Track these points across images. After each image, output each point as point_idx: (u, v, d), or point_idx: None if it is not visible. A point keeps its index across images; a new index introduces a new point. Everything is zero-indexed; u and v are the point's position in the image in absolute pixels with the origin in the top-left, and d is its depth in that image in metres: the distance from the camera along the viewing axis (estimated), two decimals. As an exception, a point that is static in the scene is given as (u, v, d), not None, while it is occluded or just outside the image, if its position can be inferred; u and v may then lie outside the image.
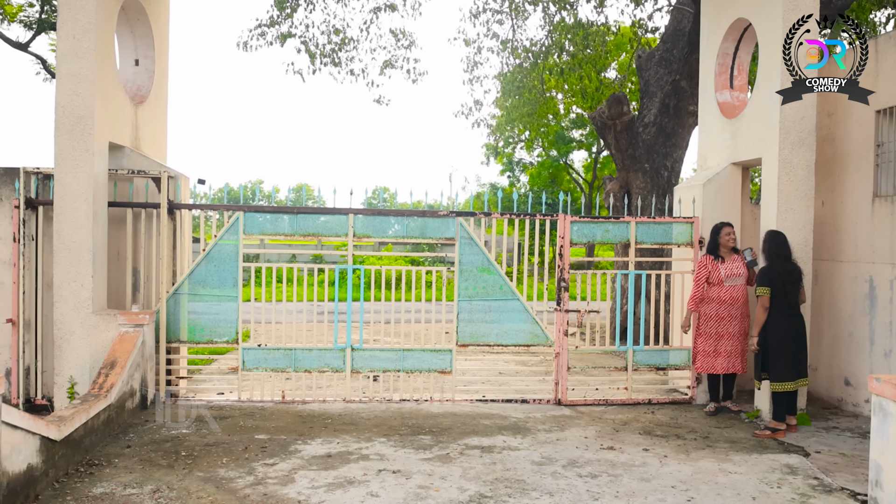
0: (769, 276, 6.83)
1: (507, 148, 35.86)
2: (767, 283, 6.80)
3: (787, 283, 6.79)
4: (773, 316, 6.79)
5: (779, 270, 6.83)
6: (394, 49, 17.36)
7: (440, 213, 7.79)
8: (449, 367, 7.82)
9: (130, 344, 6.81)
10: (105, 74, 7.17)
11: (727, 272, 7.43)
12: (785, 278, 6.80)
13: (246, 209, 7.67)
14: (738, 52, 8.50)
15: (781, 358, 6.73)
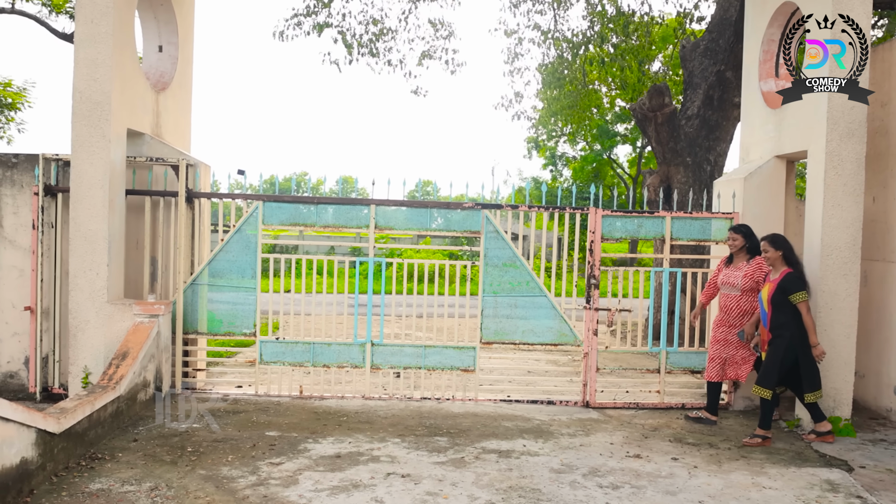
0: (804, 279, 6.43)
1: (550, 141, 35.40)
2: (804, 287, 6.36)
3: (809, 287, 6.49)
4: (798, 324, 6.35)
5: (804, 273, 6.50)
6: (432, 39, 17.11)
7: (465, 205, 7.49)
8: (472, 366, 7.53)
9: (144, 334, 6.67)
10: (124, 60, 7.02)
11: (723, 279, 7.04)
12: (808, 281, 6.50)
13: (265, 199, 7.47)
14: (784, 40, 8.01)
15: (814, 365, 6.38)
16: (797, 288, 6.32)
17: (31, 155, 7.52)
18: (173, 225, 7.50)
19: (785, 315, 6.35)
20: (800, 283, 6.34)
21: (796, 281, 6.34)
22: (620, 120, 33.18)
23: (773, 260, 6.49)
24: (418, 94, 17.80)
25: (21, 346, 7.50)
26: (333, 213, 7.50)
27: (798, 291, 6.31)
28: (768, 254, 6.50)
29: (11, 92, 24.57)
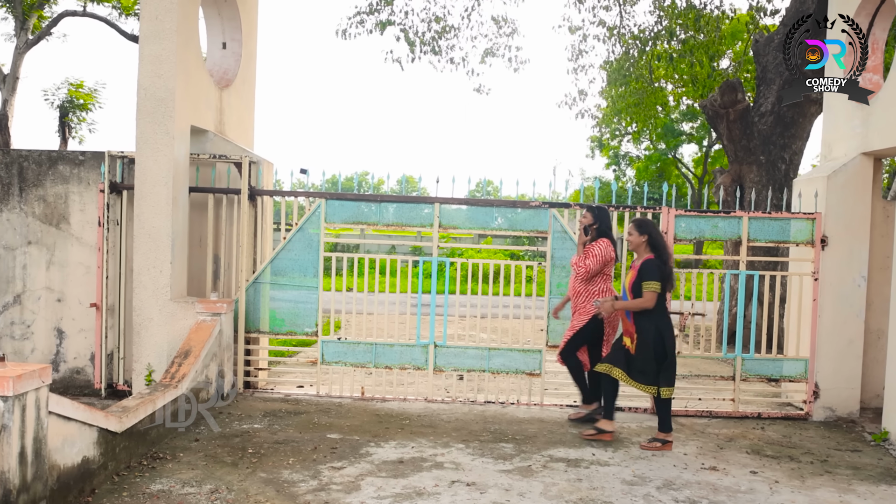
0: (663, 271, 5.92)
1: (613, 140, 34.78)
2: (659, 279, 5.87)
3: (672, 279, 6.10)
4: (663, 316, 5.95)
5: (667, 265, 6.00)
6: (495, 37, 16.89)
7: (532, 203, 7.25)
8: (538, 369, 7.28)
9: (206, 333, 6.61)
10: (188, 56, 6.99)
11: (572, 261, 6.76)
12: (672, 273, 6.06)
13: (328, 196, 7.36)
14: (873, 29, 7.55)
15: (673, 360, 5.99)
16: (650, 277, 5.85)
17: (97, 152, 7.57)
18: (236, 223, 7.45)
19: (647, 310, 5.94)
20: (655, 273, 5.85)
21: (653, 269, 5.87)
22: (686, 118, 32.42)
23: (637, 245, 6.04)
24: (481, 91, 17.65)
25: (87, 342, 7.56)
26: (396, 211, 7.35)
27: (650, 280, 5.84)
28: (632, 237, 6.07)
29: (83, 93, 25.25)
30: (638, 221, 6.10)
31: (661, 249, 5.98)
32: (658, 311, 5.91)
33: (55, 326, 7.60)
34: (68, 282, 7.58)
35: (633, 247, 6.07)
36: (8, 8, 22.31)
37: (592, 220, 6.63)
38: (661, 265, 5.91)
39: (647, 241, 5.99)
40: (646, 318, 5.90)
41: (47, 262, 7.60)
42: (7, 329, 7.64)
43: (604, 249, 6.48)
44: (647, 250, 5.99)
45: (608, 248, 6.51)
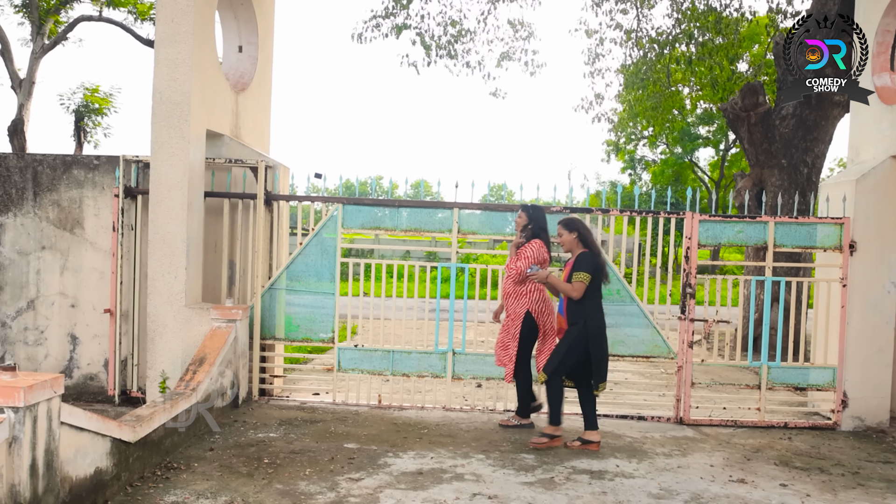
0: (595, 264, 5.97)
1: (629, 145, 34.59)
2: (589, 270, 5.91)
3: (606, 274, 6.14)
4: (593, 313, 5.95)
5: (601, 259, 6.07)
6: (511, 40, 16.79)
7: (552, 209, 7.11)
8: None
9: (221, 340, 6.51)
10: (203, 60, 6.90)
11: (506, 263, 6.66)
12: (605, 269, 6.11)
13: (345, 201, 7.25)
14: (903, 30, 7.37)
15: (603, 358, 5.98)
16: (580, 268, 5.91)
17: (111, 157, 7.49)
18: (251, 228, 7.35)
19: (580, 302, 5.92)
20: (586, 265, 5.91)
21: (584, 261, 5.94)
22: (702, 122, 32.17)
23: (570, 244, 6.10)
24: (497, 95, 17.54)
25: (101, 348, 7.47)
26: (414, 216, 7.22)
27: (580, 271, 5.89)
28: (563, 237, 6.12)
29: (98, 98, 25.32)
30: (565, 221, 6.15)
31: (592, 244, 6.06)
32: (589, 311, 5.93)
33: (69, 332, 7.52)
34: (82, 287, 7.50)
35: (567, 246, 6.12)
36: (25, 13, 22.41)
37: (527, 221, 6.54)
38: (593, 258, 5.96)
39: (577, 238, 6.05)
40: (577, 315, 5.92)
41: (61, 267, 7.52)
42: (21, 335, 7.57)
43: (536, 250, 6.37)
44: (580, 246, 6.05)
45: (541, 248, 6.40)
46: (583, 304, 5.90)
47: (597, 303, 5.99)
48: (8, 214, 7.58)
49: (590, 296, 5.92)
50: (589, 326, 5.89)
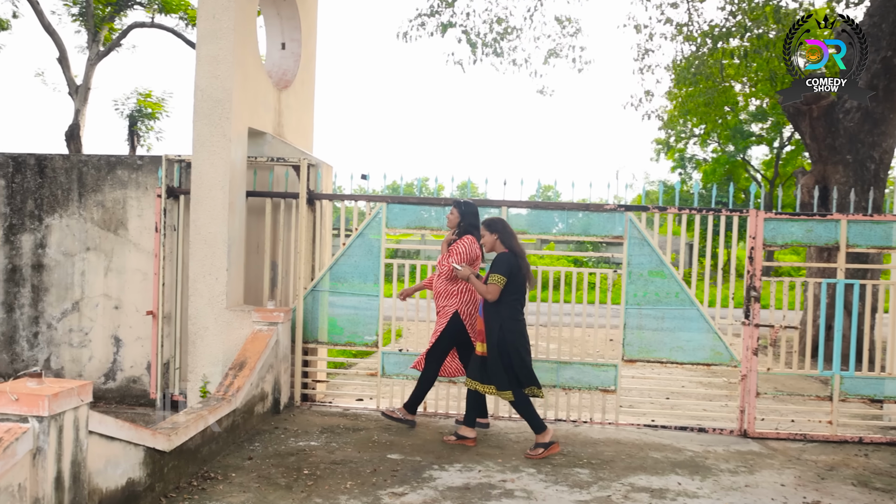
0: (512, 265, 5.71)
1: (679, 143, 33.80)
2: (504, 272, 5.67)
3: (526, 276, 5.84)
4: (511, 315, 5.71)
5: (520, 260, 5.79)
6: (559, 37, 16.45)
7: (606, 207, 6.76)
8: (613, 385, 6.78)
9: (262, 343, 6.32)
10: (245, 56, 6.73)
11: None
12: (525, 270, 5.81)
13: (389, 200, 7.01)
14: None
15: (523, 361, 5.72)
16: (496, 269, 5.68)
17: (154, 157, 7.39)
18: (294, 228, 7.16)
19: (496, 304, 5.69)
20: (502, 266, 5.67)
21: (501, 262, 5.70)
22: (756, 119, 31.24)
23: (490, 244, 5.88)
24: (544, 93, 17.19)
25: (144, 350, 7.37)
26: (460, 215, 6.94)
27: (495, 272, 5.67)
28: (484, 238, 5.91)
29: (151, 102, 25.67)
30: (487, 221, 5.95)
31: (513, 246, 5.83)
32: (506, 312, 5.70)
33: (112, 334, 7.44)
34: (125, 289, 7.41)
35: (488, 247, 5.92)
36: (81, 21, 22.81)
37: (459, 217, 6.31)
38: (512, 259, 5.73)
39: (498, 238, 5.84)
40: (493, 318, 5.72)
41: (105, 268, 7.44)
42: (66, 336, 7.51)
43: (468, 247, 6.15)
44: (501, 247, 5.84)
45: (472, 245, 6.18)
46: (499, 306, 5.71)
47: (514, 306, 5.75)
48: (54, 216, 7.53)
49: (506, 299, 5.71)
50: (504, 330, 5.67)
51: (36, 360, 7.54)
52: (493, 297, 5.65)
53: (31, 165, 7.56)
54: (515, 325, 5.71)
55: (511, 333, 5.66)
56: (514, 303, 5.75)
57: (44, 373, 3.46)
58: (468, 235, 6.23)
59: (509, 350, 5.65)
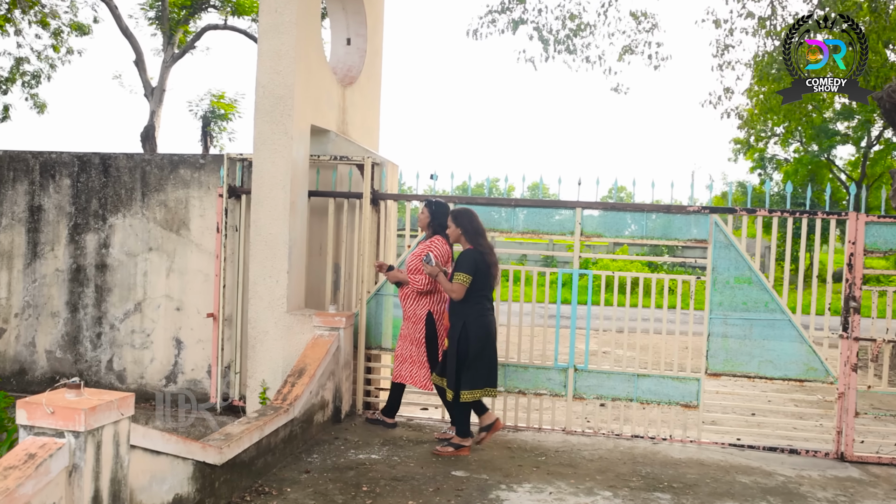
0: (478, 261, 5.52)
1: (759, 143, 32.52)
2: (469, 270, 5.48)
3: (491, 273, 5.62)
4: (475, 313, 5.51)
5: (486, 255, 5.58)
6: (634, 33, 15.86)
7: (689, 208, 6.27)
8: (695, 400, 6.28)
9: (323, 349, 6.05)
10: (308, 51, 6.49)
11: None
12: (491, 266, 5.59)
13: (457, 200, 6.65)
14: None
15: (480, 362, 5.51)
16: (460, 268, 5.51)
17: (217, 155, 7.23)
18: (357, 229, 6.88)
19: (462, 302, 5.52)
20: (466, 264, 5.49)
21: (466, 260, 5.52)
22: (841, 117, 29.82)
23: (454, 237, 5.75)
24: (619, 91, 16.62)
25: (205, 353, 7.21)
26: (532, 217, 6.55)
27: (460, 271, 5.49)
28: (450, 230, 5.75)
29: (224, 103, 25.99)
30: (454, 212, 5.77)
31: (479, 242, 5.62)
32: (471, 309, 5.53)
33: (174, 336, 7.31)
34: (187, 290, 7.27)
35: (453, 239, 5.79)
36: (157, 25, 23.25)
37: (429, 218, 6.03)
38: (477, 256, 5.54)
39: (461, 233, 5.66)
40: (456, 315, 5.57)
41: (167, 269, 7.32)
42: (128, 337, 7.42)
43: (439, 248, 5.93)
44: (465, 243, 5.65)
45: (443, 245, 5.96)
46: (464, 305, 5.53)
47: (479, 303, 5.55)
48: (117, 215, 7.45)
49: (471, 297, 5.52)
50: (468, 328, 5.50)
51: (99, 360, 7.47)
52: (459, 296, 5.50)
53: (95, 165, 7.50)
54: (481, 322, 5.53)
55: (474, 332, 5.50)
56: (480, 300, 5.56)
57: (82, 383, 3.23)
58: (439, 236, 6.04)
59: (469, 349, 5.49)
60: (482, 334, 5.53)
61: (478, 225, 5.68)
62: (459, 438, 5.70)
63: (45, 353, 7.63)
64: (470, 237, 5.63)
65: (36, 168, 7.66)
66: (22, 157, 7.72)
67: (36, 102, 23.37)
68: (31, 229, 7.66)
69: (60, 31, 22.56)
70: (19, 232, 7.69)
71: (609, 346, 10.27)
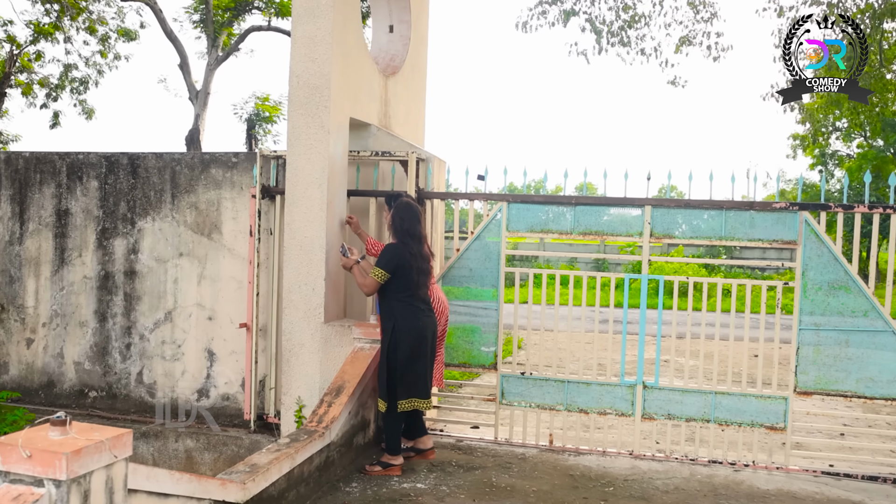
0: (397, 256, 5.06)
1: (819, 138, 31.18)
2: (385, 265, 5.06)
3: (420, 270, 5.12)
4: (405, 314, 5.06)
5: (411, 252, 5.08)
6: (692, 23, 15.10)
7: (775, 205, 5.54)
8: (782, 422, 5.55)
9: (363, 364, 5.47)
10: (346, 37, 5.93)
11: None
12: (418, 263, 5.10)
13: (511, 199, 6.04)
14: None
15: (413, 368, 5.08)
16: (379, 262, 5.10)
17: (250, 153, 6.73)
18: (401, 231, 6.28)
19: (387, 302, 5.14)
20: (383, 259, 5.08)
21: (385, 254, 5.11)
22: (911, 111, 28.35)
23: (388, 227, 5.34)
24: (676, 84, 15.89)
25: (239, 366, 6.71)
26: (593, 216, 5.88)
27: (376, 265, 5.10)
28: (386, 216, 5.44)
29: (268, 106, 25.75)
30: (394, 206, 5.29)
31: (404, 235, 5.12)
32: (400, 310, 5.09)
33: (206, 347, 6.82)
34: (220, 298, 6.77)
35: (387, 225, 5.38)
36: (201, 28, 23.13)
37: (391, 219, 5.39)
38: (401, 251, 5.09)
39: (391, 223, 5.24)
40: (387, 318, 5.14)
41: (199, 275, 6.83)
42: (158, 348, 6.95)
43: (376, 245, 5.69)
44: (391, 235, 5.25)
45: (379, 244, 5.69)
46: (391, 304, 5.13)
47: (407, 302, 5.11)
48: (146, 218, 7.00)
49: (397, 296, 5.12)
50: (398, 331, 5.06)
51: (128, 373, 7.02)
52: (369, 291, 5.18)
53: (123, 165, 7.06)
54: (412, 325, 5.08)
55: (405, 335, 5.06)
56: (407, 299, 5.12)
57: (69, 418, 2.69)
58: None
59: (398, 353, 5.06)
60: (413, 337, 5.07)
61: (411, 226, 5.15)
62: (389, 456, 5.19)
63: (74, 364, 7.22)
64: (396, 228, 5.18)
65: (63, 170, 7.26)
66: (48, 158, 7.33)
67: (84, 108, 23.40)
68: (59, 234, 7.25)
69: (108, 37, 22.56)
70: (46, 237, 7.30)
71: (669, 354, 9.51)
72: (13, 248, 7.42)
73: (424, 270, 5.18)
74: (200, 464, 6.42)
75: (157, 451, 6.54)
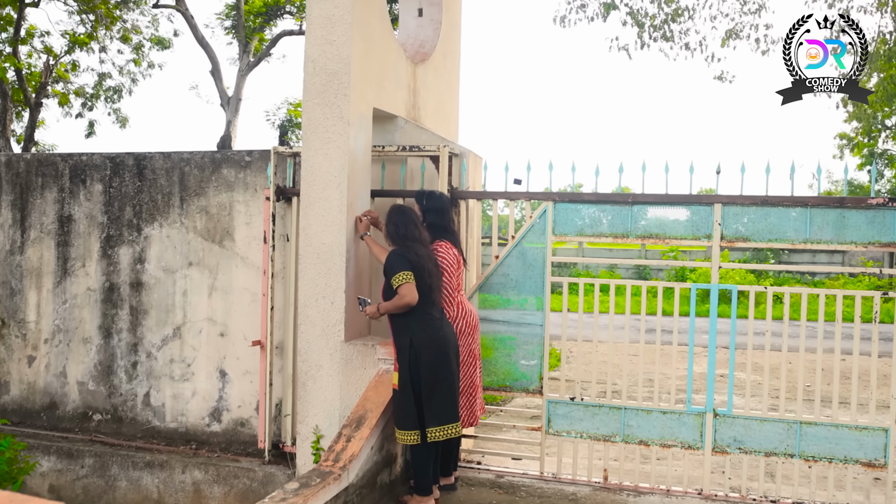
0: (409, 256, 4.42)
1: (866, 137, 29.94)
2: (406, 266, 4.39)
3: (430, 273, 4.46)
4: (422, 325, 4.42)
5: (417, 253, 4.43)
6: (738, 15, 14.29)
7: (871, 201, 4.70)
8: (882, 457, 4.70)
9: (389, 389, 4.74)
10: (368, 17, 5.23)
11: None
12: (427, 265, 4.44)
13: (556, 198, 5.27)
14: None
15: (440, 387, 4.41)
16: (393, 269, 4.40)
17: (264, 151, 6.05)
18: (432, 236, 5.56)
19: (399, 315, 4.45)
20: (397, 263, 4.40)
21: (393, 259, 4.44)
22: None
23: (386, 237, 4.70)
24: (723, 79, 15.09)
25: (253, 387, 6.03)
26: (652, 218, 5.10)
27: (396, 272, 4.38)
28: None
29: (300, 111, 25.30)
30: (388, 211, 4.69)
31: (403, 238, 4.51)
32: (416, 322, 4.42)
33: (217, 367, 6.15)
34: (232, 312, 6.11)
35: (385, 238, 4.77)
36: (233, 34, 22.81)
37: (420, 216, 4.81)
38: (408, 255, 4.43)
39: (386, 232, 4.64)
40: (400, 332, 4.47)
41: (209, 287, 6.18)
42: (166, 367, 6.31)
43: (443, 252, 4.75)
44: (389, 243, 4.63)
45: (449, 250, 4.78)
46: (402, 316, 4.44)
47: (428, 314, 4.45)
48: (153, 225, 6.37)
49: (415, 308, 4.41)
50: (416, 346, 4.38)
51: (135, 394, 6.39)
52: (411, 299, 4.35)
53: (129, 167, 6.44)
54: (430, 336, 4.43)
55: (424, 349, 4.39)
56: (422, 307, 4.43)
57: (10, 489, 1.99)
58: (439, 242, 4.76)
59: (421, 372, 4.37)
60: (435, 351, 4.41)
61: (407, 230, 4.50)
62: (419, 497, 4.50)
63: (77, 384, 6.61)
64: (394, 236, 4.55)
65: (65, 173, 6.67)
66: (51, 160, 6.75)
67: (118, 117, 23.14)
68: (61, 243, 6.66)
69: (141, 46, 22.31)
70: (48, 246, 6.71)
71: (723, 368, 8.67)
72: (14, 257, 6.85)
73: (436, 274, 4.50)
74: (210, 498, 5.74)
75: (162, 482, 5.88)
